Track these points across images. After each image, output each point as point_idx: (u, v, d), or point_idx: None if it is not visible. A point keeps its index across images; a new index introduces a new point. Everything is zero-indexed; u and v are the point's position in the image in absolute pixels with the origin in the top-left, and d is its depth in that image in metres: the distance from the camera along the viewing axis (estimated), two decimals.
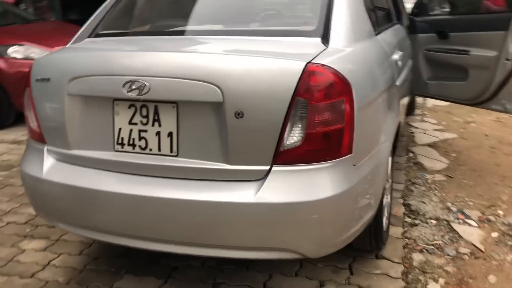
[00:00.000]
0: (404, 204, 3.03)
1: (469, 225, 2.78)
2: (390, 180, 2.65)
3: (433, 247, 2.57)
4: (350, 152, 1.81)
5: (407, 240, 2.64)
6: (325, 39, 1.95)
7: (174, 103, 1.82)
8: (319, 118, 1.72)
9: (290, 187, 1.74)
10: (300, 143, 1.73)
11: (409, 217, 2.88)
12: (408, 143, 4.13)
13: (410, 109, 4.83)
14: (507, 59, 3.33)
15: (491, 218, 2.85)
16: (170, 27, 2.37)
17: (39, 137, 2.11)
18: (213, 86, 1.73)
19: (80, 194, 1.95)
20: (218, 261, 2.47)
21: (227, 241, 1.81)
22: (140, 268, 2.45)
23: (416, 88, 4.05)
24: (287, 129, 1.72)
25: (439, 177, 3.43)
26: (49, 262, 2.57)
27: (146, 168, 1.89)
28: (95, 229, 2.02)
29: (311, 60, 1.75)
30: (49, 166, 2.06)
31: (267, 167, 1.75)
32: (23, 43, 5.13)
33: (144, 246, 1.96)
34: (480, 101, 3.65)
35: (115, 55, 1.97)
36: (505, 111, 3.57)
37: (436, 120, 4.77)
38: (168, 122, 1.84)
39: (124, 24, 2.44)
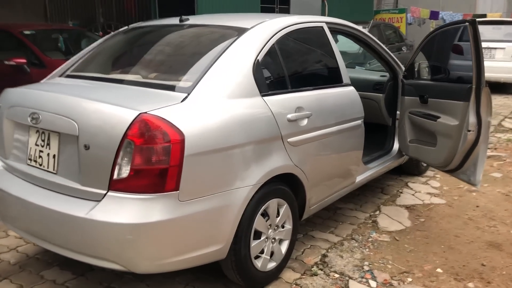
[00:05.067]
0: (322, 255, 3.18)
1: (368, 285, 2.85)
2: (289, 227, 2.87)
3: None
4: (176, 189, 2.19)
5: (294, 285, 2.82)
6: (188, 95, 2.37)
7: (58, 133, 2.39)
8: (143, 157, 2.15)
9: (116, 209, 2.18)
10: (127, 176, 2.17)
11: (317, 266, 3.03)
12: (386, 202, 4.15)
13: (416, 169, 4.79)
14: (469, 130, 3.31)
15: (394, 283, 2.87)
16: (88, 72, 2.98)
17: None
18: (74, 122, 2.27)
19: (2, 195, 2.60)
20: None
21: (73, 245, 2.30)
22: (68, 264, 3.02)
23: (402, 148, 4.11)
24: (118, 163, 2.17)
25: (383, 238, 3.46)
26: (16, 247, 3.28)
27: (40, 181, 2.49)
28: (12, 224, 2.64)
29: (149, 110, 2.19)
30: None
31: (104, 192, 2.22)
32: None
33: (35, 241, 2.53)
34: (450, 169, 3.61)
35: (31, 92, 2.63)
36: (469, 182, 3.49)
37: (440, 184, 4.64)
38: (54, 146, 2.42)
39: (86, 69, 3.10)
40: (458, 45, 3.63)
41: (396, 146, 4.26)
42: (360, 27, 3.83)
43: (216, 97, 2.44)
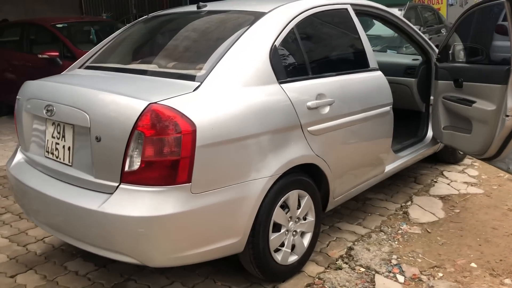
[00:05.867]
0: (348, 248, 3.05)
1: (395, 280, 2.71)
2: (311, 219, 2.76)
3: None
4: (188, 181, 2.13)
5: (317, 279, 2.71)
6: (201, 84, 2.29)
7: (72, 125, 2.36)
8: (154, 149, 2.09)
9: (128, 202, 2.14)
10: (138, 168, 2.11)
11: (342, 260, 2.91)
12: (418, 192, 3.95)
13: (453, 157, 4.55)
14: (507, 115, 3.08)
15: (424, 278, 2.71)
16: (106, 63, 2.94)
17: (18, 140, 2.86)
18: (85, 114, 2.23)
19: (20, 186, 2.62)
20: None
21: (88, 239, 2.28)
22: (91, 256, 3.01)
23: (435, 136, 3.90)
24: (128, 155, 2.12)
25: (414, 230, 3.30)
26: (43, 238, 3.33)
27: (56, 173, 2.48)
28: (33, 216, 2.66)
29: (159, 100, 2.12)
30: (15, 162, 2.79)
31: (116, 184, 2.17)
32: None
33: (54, 234, 2.54)
34: (487, 157, 3.38)
35: (47, 85, 2.62)
36: (508, 171, 3.26)
37: (478, 173, 4.39)
38: (69, 138, 2.40)
39: (104, 59, 3.07)
40: (502, 25, 3.37)
41: (429, 133, 4.06)
42: (390, 9, 3.63)
43: (230, 86, 2.35)
